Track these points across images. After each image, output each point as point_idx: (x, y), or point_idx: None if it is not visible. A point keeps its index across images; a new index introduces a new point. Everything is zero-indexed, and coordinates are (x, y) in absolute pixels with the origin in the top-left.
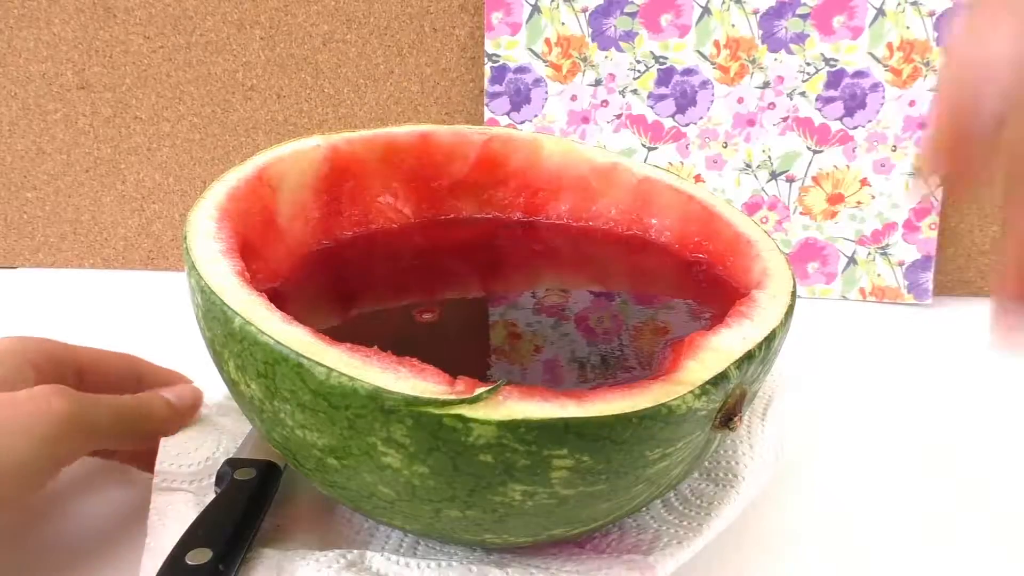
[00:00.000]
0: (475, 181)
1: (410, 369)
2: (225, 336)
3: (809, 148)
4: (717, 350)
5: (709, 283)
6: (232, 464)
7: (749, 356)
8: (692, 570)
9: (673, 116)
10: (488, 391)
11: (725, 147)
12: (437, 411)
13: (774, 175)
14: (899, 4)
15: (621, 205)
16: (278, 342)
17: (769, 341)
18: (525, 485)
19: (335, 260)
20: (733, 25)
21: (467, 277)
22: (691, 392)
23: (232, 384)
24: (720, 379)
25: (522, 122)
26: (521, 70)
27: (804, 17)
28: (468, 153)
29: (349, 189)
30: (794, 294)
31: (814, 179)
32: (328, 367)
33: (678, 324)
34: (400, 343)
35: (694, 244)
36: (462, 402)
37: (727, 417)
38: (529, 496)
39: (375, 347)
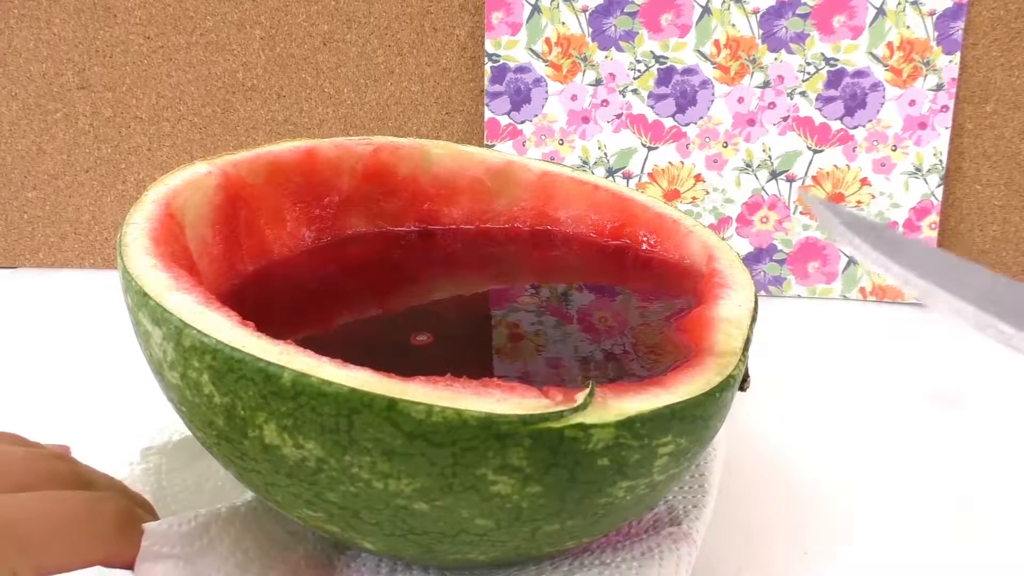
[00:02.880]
0: (366, 194)
1: (500, 389)
2: (262, 397)
3: (809, 148)
4: (729, 320)
5: (656, 265)
6: None
7: (753, 319)
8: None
9: (673, 116)
10: (589, 395)
11: (725, 147)
12: (557, 425)
13: (774, 174)
14: (899, 4)
15: (523, 203)
16: (354, 389)
17: (756, 304)
18: (631, 480)
19: (247, 301)
20: (733, 25)
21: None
22: (740, 360)
23: (263, 451)
24: (747, 344)
25: (522, 122)
26: (521, 70)
27: (804, 17)
28: (355, 165)
29: (244, 218)
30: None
31: (814, 179)
32: (428, 404)
33: (657, 309)
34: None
35: (611, 231)
36: (575, 410)
37: (742, 379)
38: (631, 491)
39: (447, 374)
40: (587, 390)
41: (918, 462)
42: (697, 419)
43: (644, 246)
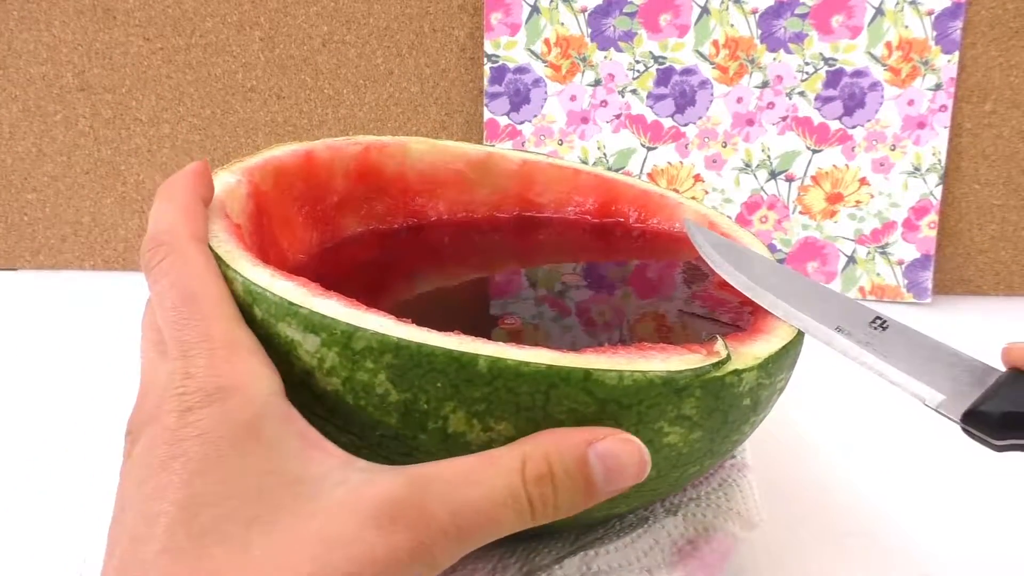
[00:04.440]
0: (359, 194)
1: (656, 351)
2: (452, 387)
3: (808, 147)
4: None
5: (655, 236)
6: None
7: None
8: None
9: (672, 116)
10: (725, 346)
11: (724, 147)
12: (720, 374)
13: (773, 174)
14: (897, 3)
15: (506, 191)
16: (551, 365)
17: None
18: (758, 415)
19: None
20: (732, 25)
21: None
22: None
23: (442, 441)
24: None
25: (521, 122)
26: (520, 70)
27: (803, 17)
28: (348, 166)
29: (265, 225)
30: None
31: (813, 178)
32: (618, 370)
33: (692, 272)
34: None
35: (597, 210)
36: (727, 359)
37: None
38: (752, 426)
39: (607, 345)
40: (720, 342)
41: (917, 459)
42: (795, 355)
43: (634, 221)
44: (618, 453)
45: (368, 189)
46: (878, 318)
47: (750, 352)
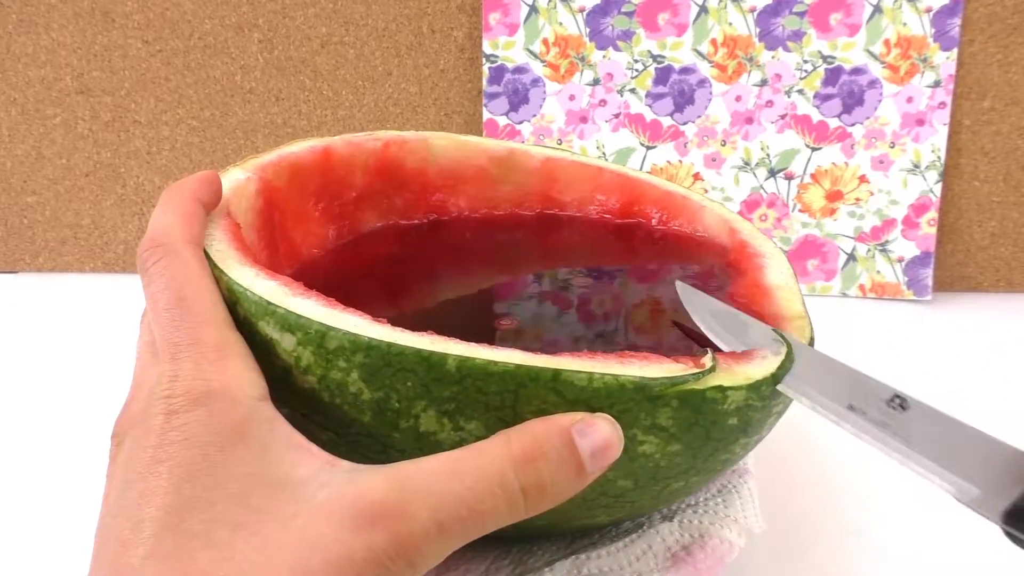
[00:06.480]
0: (378, 190)
1: (637, 358)
2: (423, 386)
3: (807, 145)
4: (780, 287)
5: (675, 239)
6: None
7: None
8: None
9: (671, 115)
10: (713, 359)
11: (723, 145)
12: (700, 387)
13: (773, 173)
14: (896, 1)
15: (528, 188)
16: (520, 365)
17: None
18: (749, 437)
19: None
20: (730, 23)
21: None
22: (808, 321)
23: (415, 440)
24: (803, 302)
25: (520, 122)
26: (519, 70)
27: (801, 15)
28: (367, 161)
29: (277, 221)
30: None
31: (813, 176)
32: (588, 372)
33: (707, 282)
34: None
35: (620, 210)
36: (709, 372)
37: None
38: (744, 447)
39: (585, 350)
40: (708, 355)
41: None
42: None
43: (656, 222)
44: (599, 430)
45: (388, 185)
46: (897, 396)
47: (743, 371)
